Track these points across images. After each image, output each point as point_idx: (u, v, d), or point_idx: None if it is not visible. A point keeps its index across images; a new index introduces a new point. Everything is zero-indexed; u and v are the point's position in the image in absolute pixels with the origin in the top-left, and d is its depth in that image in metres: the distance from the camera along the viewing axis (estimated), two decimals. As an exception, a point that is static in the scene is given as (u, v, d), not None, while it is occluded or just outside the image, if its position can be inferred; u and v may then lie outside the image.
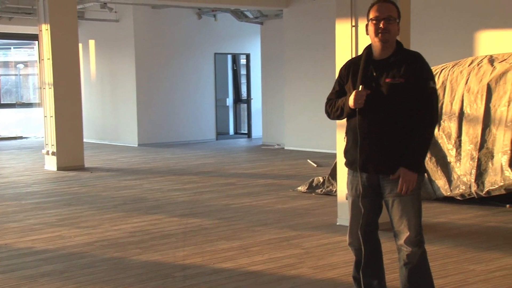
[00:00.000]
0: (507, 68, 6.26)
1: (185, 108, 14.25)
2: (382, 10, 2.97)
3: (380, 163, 2.98)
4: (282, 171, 9.33)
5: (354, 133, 3.04)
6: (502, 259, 4.31)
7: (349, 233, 3.19)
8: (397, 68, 2.96)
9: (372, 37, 3.00)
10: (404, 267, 3.06)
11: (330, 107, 3.18)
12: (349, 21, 5.32)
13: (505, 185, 5.80)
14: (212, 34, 14.58)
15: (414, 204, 3.00)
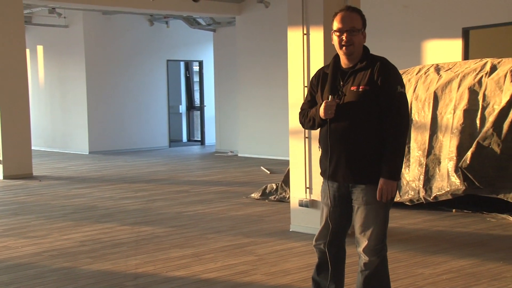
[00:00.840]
0: (452, 76, 6.47)
1: (137, 115, 14.07)
2: (345, 21, 2.92)
3: (350, 172, 2.96)
4: (235, 178, 9.33)
5: (324, 143, 3.03)
6: (448, 262, 4.43)
7: (317, 235, 3.19)
8: (362, 76, 2.92)
9: (337, 48, 2.98)
10: (361, 273, 3.07)
11: (303, 118, 3.15)
12: (301, 29, 5.38)
13: (451, 190, 5.97)
14: (165, 41, 14.48)
15: (378, 214, 2.97)
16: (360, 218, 2.99)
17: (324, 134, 3.02)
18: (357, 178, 2.96)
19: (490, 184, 5.70)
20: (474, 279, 4.02)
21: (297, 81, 5.49)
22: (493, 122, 5.83)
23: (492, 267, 4.28)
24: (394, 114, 2.89)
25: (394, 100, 2.90)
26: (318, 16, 5.28)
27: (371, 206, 2.96)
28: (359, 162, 2.95)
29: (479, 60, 6.56)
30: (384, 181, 2.90)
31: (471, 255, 4.60)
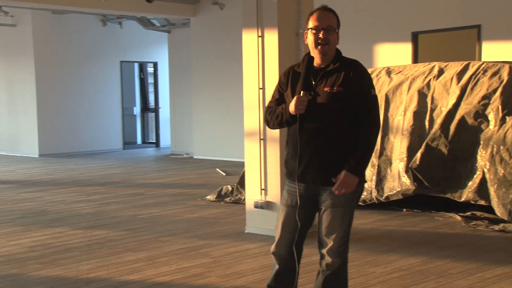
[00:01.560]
0: (403, 79, 6.64)
1: (90, 117, 13.81)
2: (322, 19, 2.92)
3: (319, 174, 2.93)
4: (191, 181, 9.29)
5: (293, 142, 2.97)
6: (399, 261, 4.54)
7: (277, 242, 3.09)
8: (336, 77, 2.91)
9: (312, 47, 2.95)
10: (322, 274, 3.08)
11: (270, 115, 3.04)
12: (255, 31, 5.42)
13: (402, 190, 6.12)
14: (118, 41, 14.28)
15: (345, 217, 2.98)
16: (326, 220, 2.97)
17: (294, 133, 2.96)
18: (327, 180, 2.92)
19: (438, 184, 5.87)
20: (422, 277, 4.13)
21: (252, 83, 5.51)
22: (440, 124, 6.01)
23: (440, 264, 4.42)
24: (367, 117, 2.92)
25: (368, 103, 2.93)
26: (273, 18, 5.32)
27: (339, 209, 2.95)
28: (330, 164, 2.92)
29: (427, 64, 6.75)
30: (346, 174, 2.87)
31: (420, 253, 4.73)
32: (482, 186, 5.55)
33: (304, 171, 2.94)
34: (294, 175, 2.98)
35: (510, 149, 5.45)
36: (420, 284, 3.98)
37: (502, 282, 3.97)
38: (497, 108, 5.76)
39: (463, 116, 5.92)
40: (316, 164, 2.92)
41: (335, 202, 2.94)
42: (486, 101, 5.87)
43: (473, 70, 6.20)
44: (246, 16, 5.52)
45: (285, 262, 3.10)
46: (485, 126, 5.78)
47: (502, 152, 5.49)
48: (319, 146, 2.91)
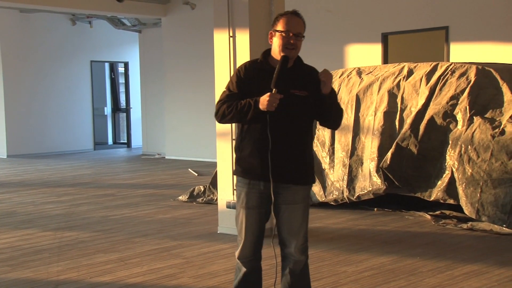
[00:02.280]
0: (373, 80, 6.72)
1: (59, 117, 13.61)
2: (293, 25, 2.93)
3: (282, 172, 2.95)
4: (162, 181, 9.23)
5: (256, 139, 2.95)
6: (370, 260, 4.59)
7: (242, 246, 3.06)
8: (300, 81, 2.97)
9: (278, 50, 2.95)
10: (289, 275, 3.08)
11: (229, 109, 2.94)
12: (227, 31, 5.41)
13: (373, 190, 6.19)
14: (88, 41, 14.10)
15: (304, 213, 3.03)
16: (288, 218, 2.99)
17: (258, 130, 2.94)
18: (290, 178, 2.97)
19: (408, 183, 5.96)
20: (393, 275, 4.19)
21: (223, 83, 5.46)
22: (410, 124, 6.10)
23: (410, 262, 4.48)
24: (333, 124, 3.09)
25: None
26: (244, 18, 5.33)
27: (298, 205, 3.00)
28: (291, 163, 2.97)
29: (397, 64, 6.84)
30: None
31: (391, 252, 4.79)
32: (451, 185, 5.65)
33: (265, 169, 2.93)
34: (253, 173, 2.97)
35: (477, 149, 5.56)
36: (391, 282, 4.03)
37: (470, 280, 4.05)
38: (465, 108, 5.87)
39: (432, 116, 6.01)
40: (280, 163, 2.95)
41: (295, 199, 2.99)
42: (454, 102, 5.98)
43: (441, 71, 6.31)
44: (217, 16, 5.51)
45: (251, 264, 3.11)
46: (453, 126, 5.88)
47: (470, 151, 5.59)
48: (284, 146, 2.95)
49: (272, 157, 2.92)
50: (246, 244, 3.06)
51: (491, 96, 5.88)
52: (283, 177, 2.97)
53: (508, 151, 5.36)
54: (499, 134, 5.49)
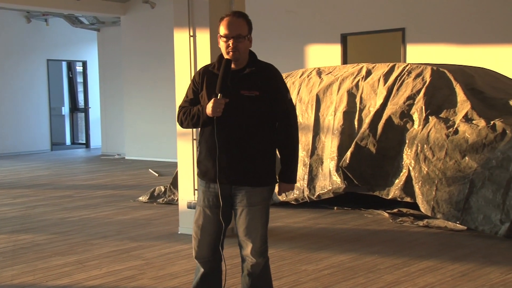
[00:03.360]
0: (333, 80, 6.80)
1: (14, 117, 13.27)
2: (231, 28, 2.91)
3: (235, 175, 2.95)
4: (122, 182, 9.11)
5: (208, 143, 2.98)
6: (330, 258, 4.64)
7: (197, 245, 3.08)
8: (252, 80, 2.93)
9: (224, 53, 2.96)
10: (247, 277, 3.08)
11: (185, 115, 3.02)
12: (187, 31, 5.39)
13: (333, 189, 6.27)
14: (44, 39, 13.80)
15: (262, 215, 3.02)
16: (245, 220, 2.98)
17: (210, 134, 2.96)
18: (244, 180, 2.96)
19: (367, 182, 6.05)
20: (352, 273, 4.25)
21: (184, 82, 5.47)
22: (369, 124, 6.20)
23: (368, 260, 4.56)
24: (287, 121, 3.00)
25: (285, 107, 3.00)
26: (204, 18, 5.31)
27: (256, 207, 2.98)
28: (246, 164, 2.95)
29: (356, 65, 6.94)
30: (287, 185, 3.08)
31: (350, 250, 4.86)
32: (408, 184, 5.77)
33: (220, 171, 2.94)
34: (208, 175, 3.00)
35: (433, 148, 5.70)
36: (350, 280, 4.09)
37: (426, 275, 4.15)
38: (421, 108, 6.00)
39: (390, 116, 6.12)
40: (232, 165, 2.95)
41: (252, 201, 2.98)
42: (411, 102, 6.11)
43: (398, 71, 6.43)
44: (177, 15, 5.48)
45: (210, 265, 3.11)
46: (410, 125, 6.01)
47: (425, 151, 5.73)
48: (235, 147, 2.94)
49: (221, 161, 2.93)
50: (201, 244, 3.08)
51: (445, 96, 6.03)
52: (236, 179, 2.97)
53: (461, 150, 5.52)
54: (453, 134, 5.64)
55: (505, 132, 5.35)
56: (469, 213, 5.29)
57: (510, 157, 5.20)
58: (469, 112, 5.74)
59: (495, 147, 5.34)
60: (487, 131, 5.44)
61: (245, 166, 2.96)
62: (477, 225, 5.23)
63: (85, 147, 14.78)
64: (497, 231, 5.10)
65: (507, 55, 7.96)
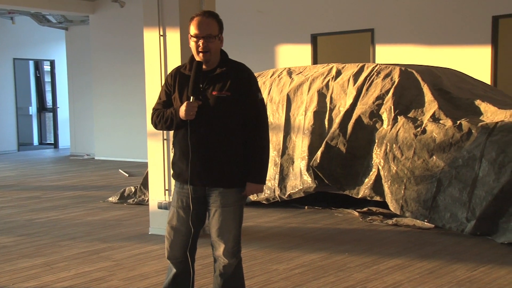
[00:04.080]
0: (303, 80, 6.84)
1: (-20, 117, 12.99)
2: (201, 28, 2.90)
3: (208, 176, 2.95)
4: (92, 182, 9.00)
5: (182, 145, 2.96)
6: (300, 257, 4.67)
7: (170, 246, 3.07)
8: (223, 81, 2.91)
9: (194, 53, 2.95)
10: (219, 277, 3.07)
11: (158, 118, 3.01)
12: (157, 30, 5.35)
13: (303, 188, 6.30)
14: (10, 38, 13.53)
15: (236, 216, 3.02)
16: (217, 221, 2.98)
17: (183, 136, 2.95)
18: (217, 181, 2.96)
19: (337, 181, 6.11)
20: (322, 271, 4.28)
21: (154, 83, 5.44)
22: (339, 123, 6.26)
23: (339, 259, 4.60)
24: (257, 121, 2.98)
25: (256, 107, 2.99)
26: (174, 17, 5.28)
27: (229, 208, 2.98)
28: (219, 166, 2.95)
29: (326, 65, 7.00)
30: (255, 185, 3.00)
31: (321, 249, 4.90)
32: (377, 183, 5.84)
33: (193, 172, 2.94)
34: (182, 177, 2.99)
35: (401, 147, 5.78)
36: (321, 278, 4.12)
37: (395, 273, 4.21)
38: (390, 108, 6.08)
39: (360, 116, 6.19)
40: (206, 166, 2.94)
41: (225, 201, 2.98)
42: (380, 102, 6.19)
43: (367, 71, 6.51)
44: (146, 14, 5.43)
45: (182, 265, 3.10)
46: (379, 125, 6.08)
47: (394, 150, 5.81)
48: (208, 148, 2.94)
49: (194, 163, 2.93)
50: (174, 244, 3.07)
51: (414, 96, 6.13)
52: (209, 181, 2.96)
53: (429, 149, 5.61)
54: (421, 133, 5.73)
55: (470, 131, 5.47)
56: (437, 212, 5.38)
57: (476, 156, 5.32)
58: (436, 112, 5.85)
59: (461, 146, 5.45)
60: (453, 131, 5.55)
61: (218, 167, 2.95)
62: (444, 223, 5.33)
63: (53, 148, 14.55)
64: (463, 228, 5.20)
65: (472, 55, 8.13)
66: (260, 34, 10.13)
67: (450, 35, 8.31)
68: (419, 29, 8.59)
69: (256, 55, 10.07)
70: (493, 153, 5.24)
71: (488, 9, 7.97)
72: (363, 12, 9.10)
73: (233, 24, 10.21)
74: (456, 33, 8.25)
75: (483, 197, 5.15)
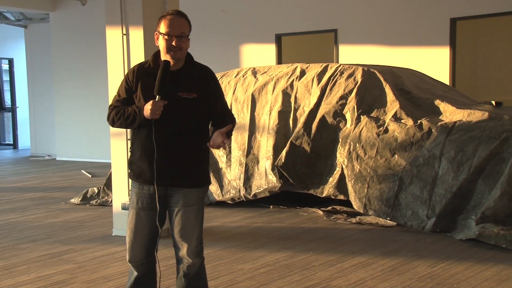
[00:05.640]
0: (268, 80, 6.86)
1: None
2: (174, 26, 2.88)
3: (172, 177, 2.93)
4: (53, 183, 8.83)
5: (145, 144, 2.92)
6: (266, 257, 4.69)
7: (131, 248, 3.03)
8: (189, 82, 2.93)
9: (163, 52, 2.91)
10: (183, 278, 3.06)
11: (118, 115, 2.94)
12: (120, 29, 5.28)
13: (269, 187, 6.32)
14: (-33, 35, 13.18)
15: (198, 215, 3.02)
16: (180, 221, 2.97)
17: (147, 136, 2.91)
18: (181, 181, 2.95)
19: (302, 180, 6.15)
20: (288, 270, 4.31)
21: (117, 82, 5.34)
22: (303, 123, 6.30)
23: (303, 258, 4.64)
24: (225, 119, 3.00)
25: (223, 110, 3.04)
26: (138, 16, 5.22)
27: (191, 208, 2.98)
28: (183, 166, 2.94)
29: (290, 65, 7.04)
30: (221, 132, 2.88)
31: (286, 248, 4.93)
32: (341, 182, 5.91)
33: (156, 173, 2.91)
34: (143, 177, 2.95)
35: (364, 147, 5.86)
36: (286, 277, 4.14)
37: (359, 271, 4.26)
38: (353, 108, 6.16)
39: (324, 116, 6.25)
40: (170, 167, 2.93)
41: (188, 201, 2.97)
42: (343, 101, 6.26)
43: (331, 71, 6.57)
44: (109, 13, 5.36)
45: (144, 268, 3.06)
46: (343, 125, 6.15)
47: (358, 149, 5.88)
48: (173, 150, 2.92)
49: (159, 164, 2.90)
50: (135, 247, 3.03)
51: (376, 96, 6.22)
52: (173, 181, 2.95)
53: (391, 148, 5.71)
54: (383, 132, 5.82)
55: (430, 131, 5.58)
56: (399, 209, 5.48)
57: (436, 155, 5.43)
58: (398, 112, 5.95)
59: (422, 145, 5.56)
60: (414, 130, 5.65)
61: (182, 168, 2.95)
62: (406, 221, 5.43)
63: (12, 148, 14.21)
64: (424, 226, 5.31)
65: (431, 56, 8.30)
66: (225, 33, 10.12)
67: (410, 36, 8.46)
68: (381, 30, 8.72)
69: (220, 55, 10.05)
70: (452, 152, 5.36)
71: (446, 11, 8.16)
72: (326, 13, 9.19)
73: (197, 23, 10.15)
74: (416, 34, 8.41)
75: (442, 195, 5.27)
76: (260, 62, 9.54)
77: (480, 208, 5.06)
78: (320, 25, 9.23)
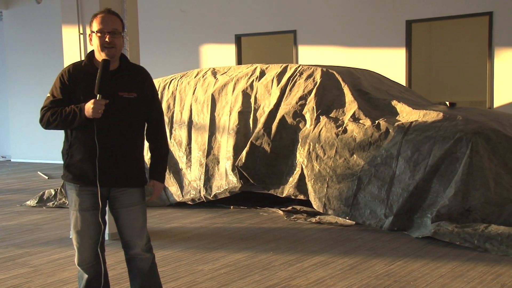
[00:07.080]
0: (228, 80, 6.86)
1: None
2: (106, 23, 2.88)
3: (116, 176, 2.94)
4: (8, 185, 8.60)
5: (85, 145, 2.90)
6: (226, 257, 4.68)
7: (80, 252, 3.00)
8: (128, 82, 2.96)
9: (98, 50, 2.91)
10: (138, 276, 3.07)
11: (54, 116, 2.89)
12: (76, 27, 5.20)
13: (229, 188, 6.32)
14: None
15: (144, 213, 3.09)
16: (129, 220, 3.01)
17: (88, 136, 2.89)
18: (125, 181, 2.98)
19: (262, 180, 6.17)
20: (248, 270, 4.32)
21: (73, 82, 5.27)
22: (263, 123, 6.33)
23: (264, 257, 4.65)
24: (160, 123, 3.12)
25: (160, 109, 3.14)
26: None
27: (137, 206, 3.04)
28: (126, 166, 2.97)
29: (250, 65, 7.05)
30: (160, 184, 3.13)
31: (246, 248, 4.93)
32: (301, 182, 5.95)
33: (99, 174, 2.91)
34: (86, 177, 2.93)
35: (324, 147, 5.92)
36: (246, 278, 4.15)
37: (318, 270, 4.31)
38: (313, 108, 6.22)
39: (284, 116, 6.29)
40: (113, 167, 2.95)
41: (133, 201, 3.02)
42: (303, 102, 6.31)
43: (291, 72, 6.62)
44: (65, 12, 5.27)
45: (94, 269, 3.05)
46: (302, 125, 6.21)
47: (317, 149, 5.94)
48: (115, 149, 2.94)
49: (101, 163, 2.91)
50: (83, 249, 3.01)
51: (335, 97, 6.30)
52: (117, 181, 2.97)
53: (350, 148, 5.79)
54: (342, 133, 5.90)
55: (388, 131, 5.69)
56: (357, 209, 5.56)
57: (393, 154, 5.54)
58: (356, 112, 6.04)
59: (379, 145, 5.66)
60: (372, 130, 5.75)
61: (125, 167, 2.98)
62: (364, 220, 5.51)
63: (-35, 149, 13.77)
64: (382, 225, 5.41)
65: (388, 57, 8.46)
66: (184, 34, 10.06)
67: (368, 37, 8.60)
68: (339, 32, 8.83)
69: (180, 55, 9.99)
70: (409, 151, 5.48)
71: (402, 14, 8.33)
72: (286, 14, 9.24)
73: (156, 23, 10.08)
74: (374, 36, 8.56)
75: (399, 194, 5.38)
76: (220, 62, 9.53)
77: (436, 207, 5.18)
78: (280, 25, 9.28)
